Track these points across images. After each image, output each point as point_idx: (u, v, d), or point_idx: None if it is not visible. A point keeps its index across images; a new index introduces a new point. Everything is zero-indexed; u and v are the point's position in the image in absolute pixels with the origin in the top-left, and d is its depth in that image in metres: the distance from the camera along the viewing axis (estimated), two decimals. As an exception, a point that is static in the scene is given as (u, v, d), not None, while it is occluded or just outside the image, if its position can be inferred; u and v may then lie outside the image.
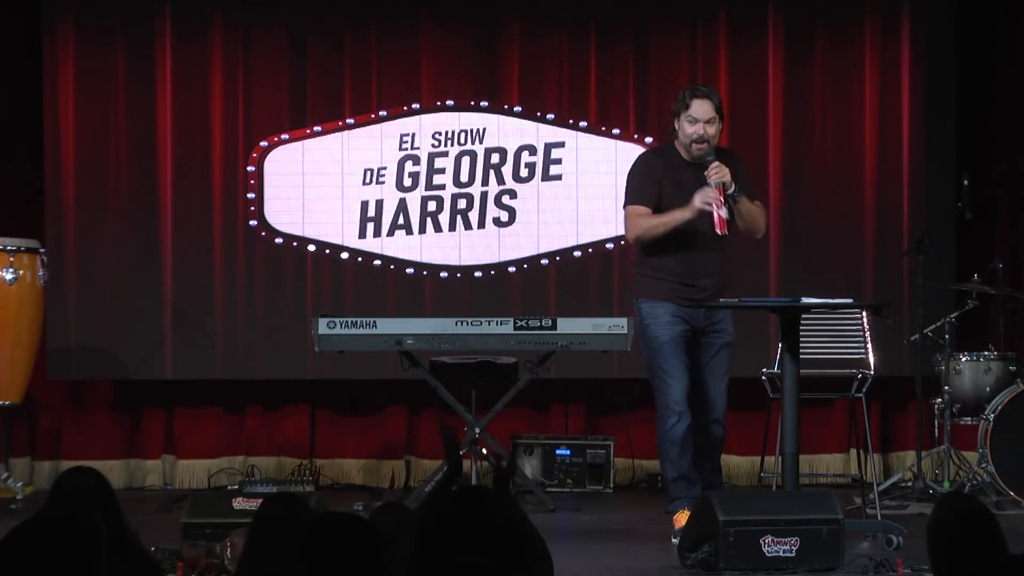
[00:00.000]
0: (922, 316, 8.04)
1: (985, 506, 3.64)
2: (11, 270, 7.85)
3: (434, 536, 3.14)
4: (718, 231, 6.56)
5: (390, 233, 8.88)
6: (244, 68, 8.84)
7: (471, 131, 8.91)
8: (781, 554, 5.82)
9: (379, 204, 8.88)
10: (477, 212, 8.88)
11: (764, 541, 5.81)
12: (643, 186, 6.71)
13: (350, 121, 8.88)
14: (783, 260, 8.85)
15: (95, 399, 8.99)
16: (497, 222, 8.84)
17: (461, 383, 8.20)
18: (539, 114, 8.89)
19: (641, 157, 7.02)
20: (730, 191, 6.59)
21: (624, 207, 6.82)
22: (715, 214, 6.52)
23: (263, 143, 8.86)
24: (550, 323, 7.90)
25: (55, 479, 4.28)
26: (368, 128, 8.89)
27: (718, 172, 6.56)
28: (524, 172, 8.87)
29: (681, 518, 6.65)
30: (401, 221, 8.87)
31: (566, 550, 6.69)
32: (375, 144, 8.89)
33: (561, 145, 8.88)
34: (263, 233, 8.85)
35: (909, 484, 8.00)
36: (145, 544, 5.08)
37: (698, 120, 6.62)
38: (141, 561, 4.20)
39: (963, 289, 8.27)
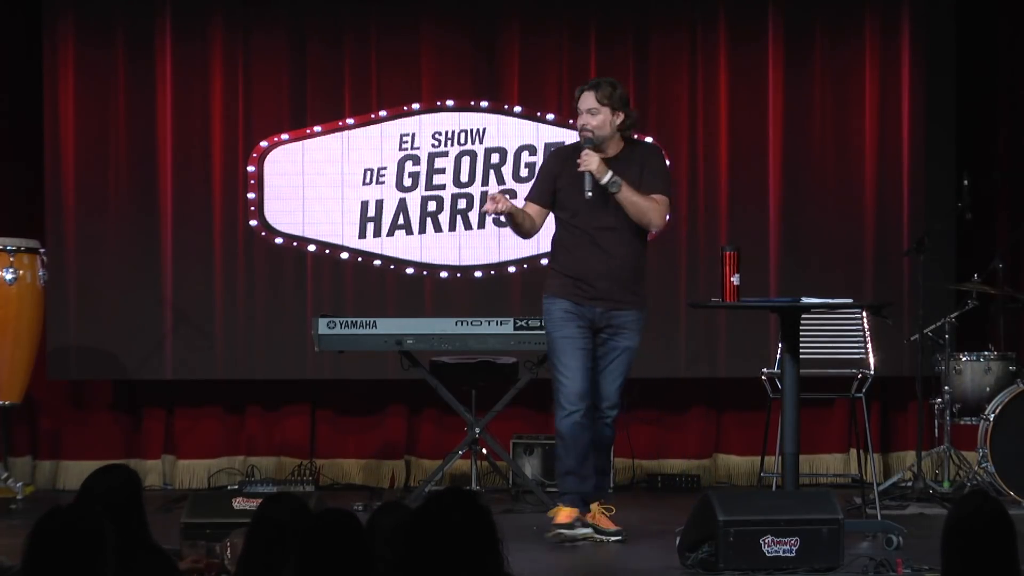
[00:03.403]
0: (922, 316, 8.03)
1: (1006, 511, 3.62)
2: (11, 270, 7.85)
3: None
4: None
5: (390, 233, 8.88)
6: (244, 68, 8.84)
7: (471, 131, 8.91)
8: (781, 554, 5.82)
9: (379, 204, 8.88)
10: (477, 212, 8.87)
11: (764, 541, 5.81)
12: (537, 182, 6.98)
13: (350, 121, 8.88)
14: (783, 260, 8.85)
15: (95, 399, 8.99)
16: (497, 222, 8.81)
17: (461, 383, 8.20)
18: (539, 114, 8.89)
19: (551, 151, 7.06)
20: (603, 182, 6.61)
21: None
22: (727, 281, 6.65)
23: (263, 143, 8.86)
24: (550, 323, 7.89)
25: (85, 478, 4.30)
26: (368, 128, 8.89)
27: (584, 160, 6.64)
28: (524, 172, 8.87)
29: (562, 513, 6.66)
30: (401, 221, 8.87)
31: (566, 550, 6.69)
32: (375, 144, 8.89)
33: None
34: (263, 233, 8.85)
35: (909, 484, 8.00)
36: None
37: (581, 112, 6.75)
38: (158, 559, 4.20)
39: (963, 289, 8.27)
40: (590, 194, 6.63)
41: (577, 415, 6.67)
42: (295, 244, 8.86)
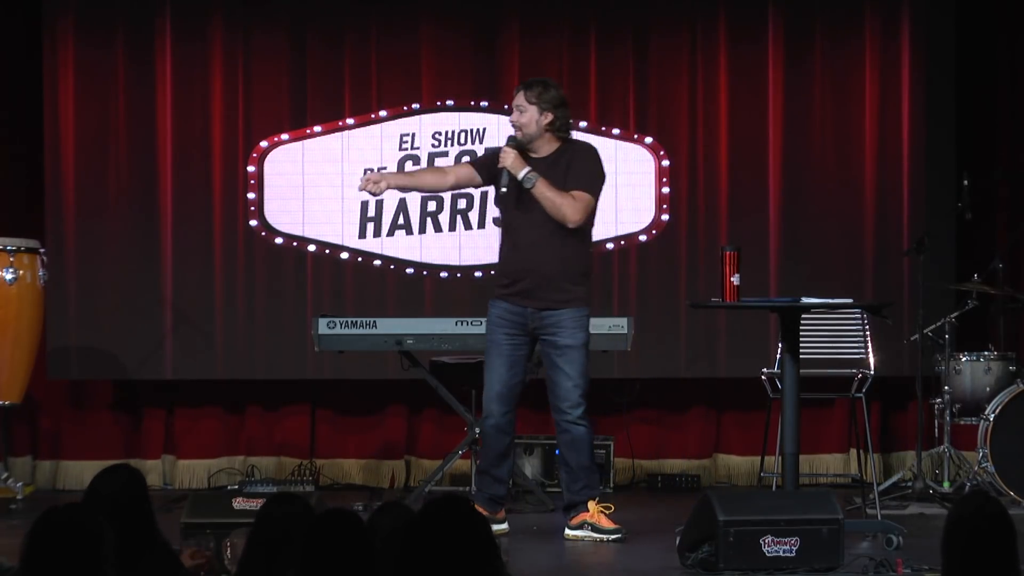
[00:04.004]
0: (922, 316, 8.04)
1: (1007, 511, 3.63)
2: (11, 270, 7.85)
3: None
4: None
5: (390, 233, 8.88)
6: (244, 68, 8.84)
7: (471, 131, 8.91)
8: (781, 554, 5.83)
9: (379, 204, 8.88)
10: (477, 212, 8.87)
11: (764, 541, 5.81)
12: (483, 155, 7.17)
13: (350, 121, 8.89)
14: (783, 260, 8.85)
15: (95, 399, 8.99)
16: (497, 222, 8.82)
17: (461, 383, 8.20)
18: (539, 114, 8.87)
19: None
20: (519, 177, 6.71)
21: None
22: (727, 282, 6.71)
23: (263, 143, 8.86)
24: (550, 323, 7.88)
25: (91, 479, 4.30)
26: (368, 128, 8.89)
27: (502, 157, 6.79)
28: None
29: None
30: (401, 221, 8.87)
31: (566, 550, 6.69)
32: (375, 144, 8.89)
33: (561, 145, 8.86)
34: (263, 233, 8.85)
35: (909, 484, 8.00)
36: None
37: (513, 109, 6.90)
38: (164, 559, 4.21)
39: (963, 289, 8.27)
40: (504, 189, 6.76)
41: (493, 419, 6.86)
42: (295, 244, 8.86)
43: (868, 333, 7.81)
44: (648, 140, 8.87)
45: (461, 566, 3.28)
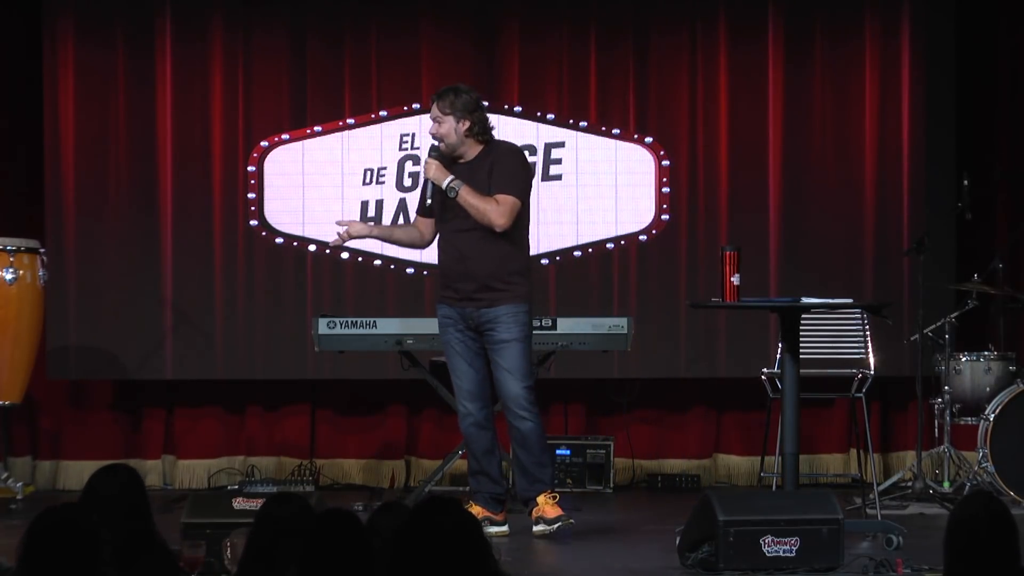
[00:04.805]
0: (922, 316, 8.03)
1: (1009, 511, 3.63)
2: (11, 270, 7.85)
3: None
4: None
5: (390, 233, 8.87)
6: (244, 68, 8.84)
7: (471, 131, 8.89)
8: (781, 554, 5.83)
9: (379, 204, 8.88)
10: (477, 212, 8.86)
11: (764, 541, 5.81)
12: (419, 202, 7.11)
13: (350, 121, 8.89)
14: (783, 260, 8.85)
15: (95, 399, 8.99)
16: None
17: (461, 383, 8.19)
18: (539, 114, 8.89)
19: None
20: (443, 186, 6.79)
21: None
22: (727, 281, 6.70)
23: (263, 143, 8.87)
24: (550, 323, 7.90)
25: (88, 479, 4.29)
26: (368, 128, 8.89)
27: (424, 168, 6.92)
28: (524, 172, 8.85)
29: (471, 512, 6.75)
30: (401, 221, 8.86)
31: (566, 550, 6.69)
32: (375, 144, 8.89)
33: (561, 145, 8.88)
34: (263, 233, 8.85)
35: (909, 484, 8.00)
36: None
37: (433, 122, 6.94)
38: (162, 560, 4.20)
39: (963, 289, 8.27)
40: (429, 201, 6.90)
41: (470, 418, 6.91)
42: (295, 244, 8.86)
43: (868, 333, 7.81)
44: (648, 140, 8.87)
45: (452, 568, 3.28)
